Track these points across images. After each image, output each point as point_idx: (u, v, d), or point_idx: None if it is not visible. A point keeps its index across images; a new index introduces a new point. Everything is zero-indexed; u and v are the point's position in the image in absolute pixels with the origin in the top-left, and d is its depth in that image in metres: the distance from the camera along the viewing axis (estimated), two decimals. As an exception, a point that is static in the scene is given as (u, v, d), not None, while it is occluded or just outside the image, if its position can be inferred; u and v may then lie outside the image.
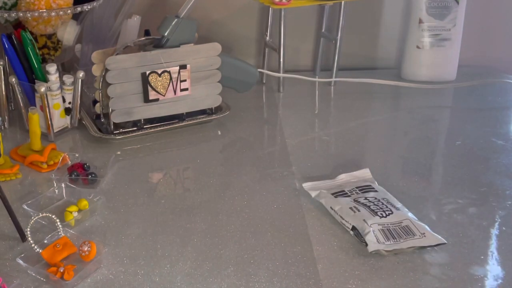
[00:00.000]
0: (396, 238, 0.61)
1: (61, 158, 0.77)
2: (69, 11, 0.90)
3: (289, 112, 0.98)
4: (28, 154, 0.80)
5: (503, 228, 0.66)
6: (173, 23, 0.84)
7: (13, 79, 0.84)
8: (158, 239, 0.63)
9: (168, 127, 0.89)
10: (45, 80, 0.85)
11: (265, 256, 0.61)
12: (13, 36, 0.85)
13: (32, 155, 0.79)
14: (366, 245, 0.61)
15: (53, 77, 0.84)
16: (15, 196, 0.72)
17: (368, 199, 0.67)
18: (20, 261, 0.58)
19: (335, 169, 0.78)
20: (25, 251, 0.60)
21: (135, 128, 0.87)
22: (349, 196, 0.68)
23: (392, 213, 0.64)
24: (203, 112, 0.91)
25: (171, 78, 0.85)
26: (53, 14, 0.89)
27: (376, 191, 0.69)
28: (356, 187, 0.70)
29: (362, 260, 0.60)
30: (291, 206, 0.70)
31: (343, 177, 0.74)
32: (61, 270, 0.57)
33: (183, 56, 0.85)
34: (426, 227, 0.63)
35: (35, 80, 0.85)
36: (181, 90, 0.87)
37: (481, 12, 1.14)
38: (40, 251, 0.59)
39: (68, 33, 0.95)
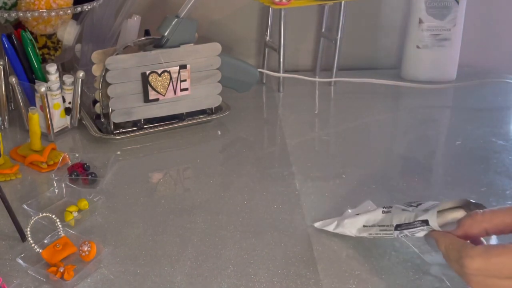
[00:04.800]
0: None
1: (61, 158, 0.77)
2: (69, 11, 0.90)
3: (289, 112, 0.98)
4: (28, 154, 0.80)
5: (503, 228, 0.66)
6: (173, 23, 0.84)
7: (13, 79, 0.84)
8: (158, 239, 0.63)
9: (168, 127, 0.89)
10: (45, 80, 0.85)
11: (265, 256, 0.61)
12: (13, 36, 0.85)
13: (32, 155, 0.79)
14: (426, 224, 0.55)
15: (53, 77, 0.84)
16: (15, 196, 0.72)
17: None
18: (20, 261, 0.58)
19: (335, 169, 0.78)
20: (25, 251, 0.60)
21: (135, 128, 0.87)
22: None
23: (421, 203, 0.59)
24: (203, 112, 0.92)
25: (171, 78, 0.85)
26: (53, 14, 0.89)
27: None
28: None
29: (362, 260, 0.60)
30: (291, 206, 0.70)
31: (349, 211, 0.67)
32: (61, 270, 0.57)
33: (183, 56, 0.86)
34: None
35: (35, 80, 0.85)
36: (181, 90, 0.87)
37: (481, 12, 1.14)
38: (40, 251, 0.59)
39: (68, 33, 0.95)
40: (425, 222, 0.55)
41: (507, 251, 0.45)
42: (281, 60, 1.03)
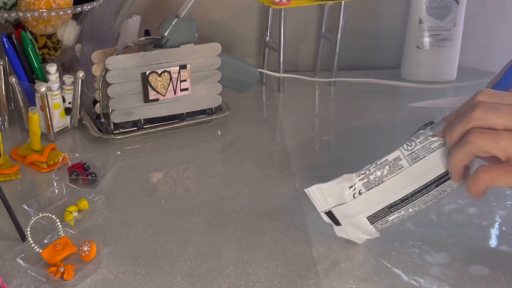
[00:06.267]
0: None
1: (61, 158, 0.77)
2: (69, 11, 0.90)
3: (289, 112, 0.98)
4: (28, 154, 0.80)
5: (503, 228, 0.66)
6: (173, 23, 0.84)
7: (13, 79, 0.84)
8: (158, 239, 0.63)
9: (168, 127, 0.89)
10: (45, 80, 0.85)
11: (265, 256, 0.61)
12: (13, 36, 0.85)
13: (32, 155, 0.79)
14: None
15: (53, 77, 0.84)
16: (15, 196, 0.72)
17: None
18: (20, 261, 0.58)
19: (335, 169, 0.78)
20: (25, 251, 0.60)
21: (135, 128, 0.87)
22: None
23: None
24: (203, 112, 0.92)
25: (171, 78, 0.85)
26: (53, 14, 0.89)
27: None
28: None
29: (362, 260, 0.60)
30: (291, 206, 0.70)
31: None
32: (61, 270, 0.57)
33: (183, 56, 0.86)
34: None
35: (35, 80, 0.85)
36: (181, 90, 0.87)
37: (481, 12, 1.14)
38: (40, 251, 0.59)
39: (68, 33, 0.95)
40: (430, 122, 0.61)
41: None
42: (281, 60, 1.03)
